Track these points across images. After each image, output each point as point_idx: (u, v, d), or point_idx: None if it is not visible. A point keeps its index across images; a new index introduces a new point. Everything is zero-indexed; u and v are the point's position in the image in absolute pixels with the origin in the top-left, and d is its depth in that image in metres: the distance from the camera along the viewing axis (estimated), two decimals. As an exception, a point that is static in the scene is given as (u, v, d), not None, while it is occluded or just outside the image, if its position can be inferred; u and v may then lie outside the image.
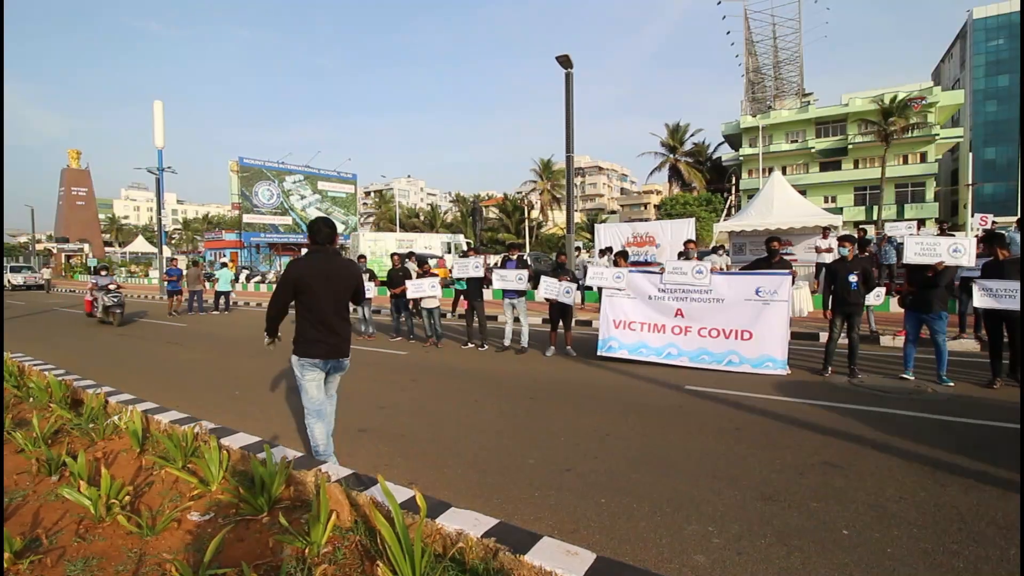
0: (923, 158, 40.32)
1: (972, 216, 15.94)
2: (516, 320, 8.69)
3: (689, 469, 3.68)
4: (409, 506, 2.53)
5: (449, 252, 30.35)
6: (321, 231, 3.60)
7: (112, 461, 3.72)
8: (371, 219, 68.61)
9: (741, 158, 45.83)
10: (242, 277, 30.33)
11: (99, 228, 62.19)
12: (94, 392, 4.88)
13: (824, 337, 6.56)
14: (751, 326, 6.68)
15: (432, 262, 10.55)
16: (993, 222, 14.14)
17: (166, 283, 15.68)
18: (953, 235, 8.56)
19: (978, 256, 6.38)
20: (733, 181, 44.63)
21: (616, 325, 7.64)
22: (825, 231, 12.49)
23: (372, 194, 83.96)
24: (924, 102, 38.11)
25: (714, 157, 51.63)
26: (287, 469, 3.11)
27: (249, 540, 2.62)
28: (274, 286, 16.74)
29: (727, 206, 37.44)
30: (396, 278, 9.94)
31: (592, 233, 18.79)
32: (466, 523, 2.43)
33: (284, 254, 39.56)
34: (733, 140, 48.81)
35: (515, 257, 9.06)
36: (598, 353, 7.60)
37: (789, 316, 6.77)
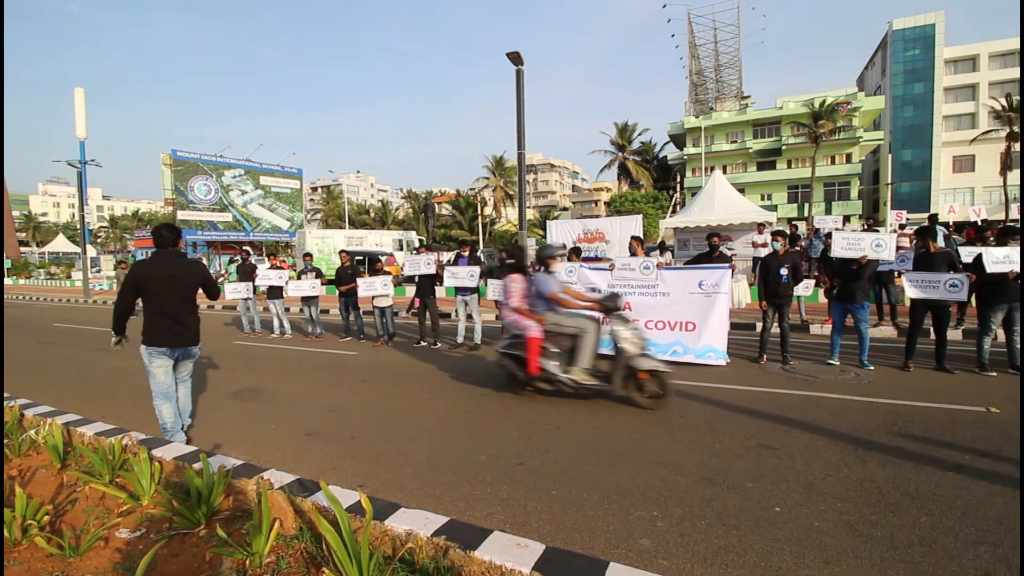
0: (848, 159, 43.39)
1: (891, 212, 17.29)
2: (469, 317, 8.67)
3: (636, 457, 3.81)
4: (357, 509, 2.49)
5: (401, 249, 29.87)
6: (163, 236, 4.12)
7: (29, 479, 3.43)
8: (318, 216, 66.28)
9: (685, 157, 47.61)
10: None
11: (12, 226, 56.86)
12: (7, 405, 4.47)
13: (760, 327, 6.93)
14: (694, 318, 6.97)
15: (382, 259, 10.36)
16: (907, 218, 15.40)
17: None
18: (878, 230, 9.27)
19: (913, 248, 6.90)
20: (678, 179, 46.31)
21: (568, 320, 7.77)
22: (761, 227, 13.19)
23: (319, 190, 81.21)
24: (850, 107, 40.92)
25: (660, 156, 53.37)
26: (226, 478, 2.97)
27: (185, 555, 2.49)
28: (213, 287, 15.77)
29: (673, 203, 38.80)
30: (345, 276, 9.68)
31: (545, 229, 19.01)
32: (416, 523, 2.41)
33: (224, 252, 37.50)
34: (678, 140, 50.61)
35: (467, 254, 9.02)
36: None
37: (729, 308, 7.11)
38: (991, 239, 8.07)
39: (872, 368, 6.17)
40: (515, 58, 12.79)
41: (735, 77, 50.84)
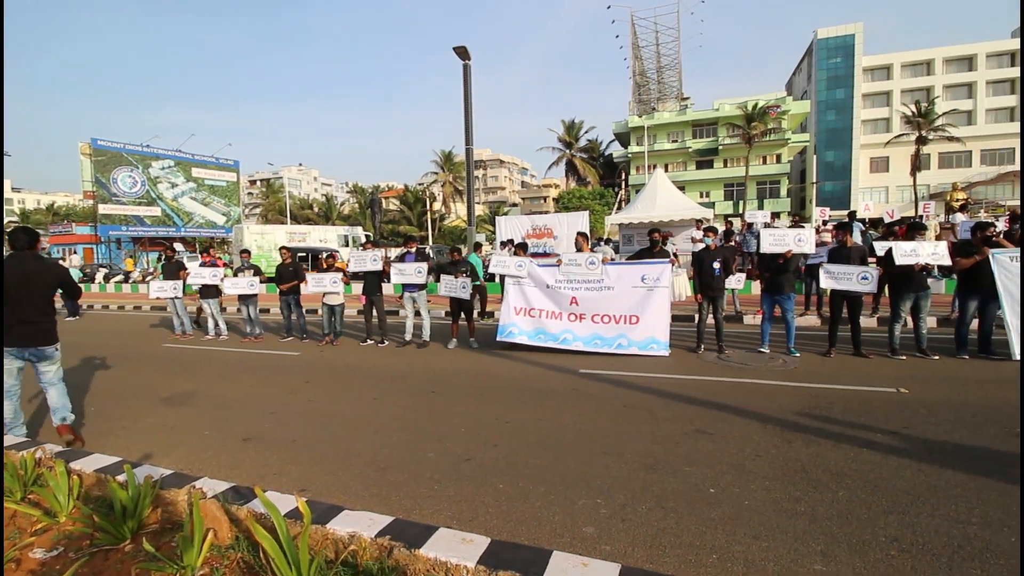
0: (778, 159, 46.21)
1: (816, 210, 18.56)
2: (417, 314, 8.56)
3: (582, 448, 3.91)
4: (297, 514, 2.41)
5: (347, 245, 29.03)
6: (19, 239, 4.17)
7: (-81, 502, 3.08)
8: (257, 211, 63.14)
9: (630, 155, 49.01)
10: (99, 276, 26.50)
11: None
12: None
13: (697, 318, 7.27)
14: (638, 311, 7.21)
15: (336, 254, 10.01)
16: (830, 215, 16.60)
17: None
18: (802, 227, 9.92)
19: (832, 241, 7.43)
20: (623, 177, 47.61)
21: (517, 312, 7.85)
22: (699, 223, 13.82)
23: (258, 183, 77.35)
24: (779, 110, 43.47)
25: (606, 154, 54.65)
26: (154, 489, 2.80)
27: (108, 572, 2.33)
28: (139, 286, 14.73)
29: (618, 200, 39.89)
30: (286, 273, 9.30)
31: (494, 225, 19.06)
32: (360, 524, 2.36)
33: (152, 249, 34.98)
34: (623, 138, 52.00)
35: (414, 250, 8.90)
36: (498, 339, 7.76)
37: (670, 301, 7.41)
38: (900, 235, 8.82)
39: (798, 355, 6.62)
40: (462, 53, 12.71)
41: (675, 79, 52.80)
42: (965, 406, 4.56)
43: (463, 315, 8.23)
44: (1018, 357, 5.93)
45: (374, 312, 8.70)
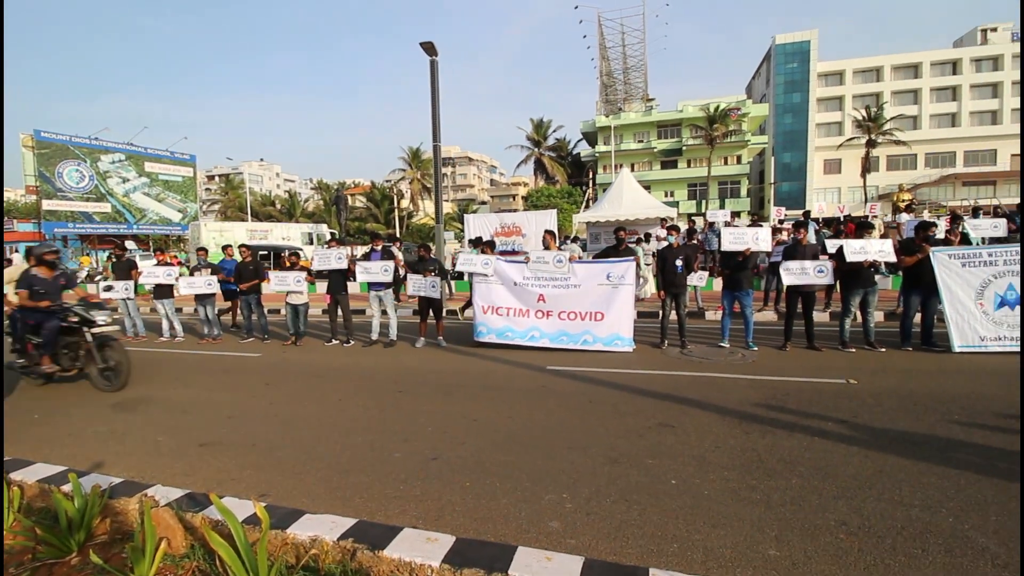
0: (739, 160, 47.73)
1: (773, 209, 19.26)
2: (383, 313, 8.44)
3: (549, 444, 3.94)
4: (256, 520, 2.35)
5: (311, 243, 28.37)
6: None
7: None
8: (216, 207, 60.86)
9: (597, 155, 49.63)
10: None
11: None
12: None
13: (661, 315, 7.44)
14: (603, 308, 7.32)
15: (300, 253, 9.74)
16: (786, 214, 17.25)
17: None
18: (760, 226, 10.25)
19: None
20: (591, 176, 48.13)
21: (484, 310, 7.84)
22: (663, 222, 14.11)
23: (217, 179, 74.58)
24: (740, 112, 44.87)
25: (574, 153, 55.13)
26: (102, 499, 2.68)
27: (51, 588, 2.21)
28: (88, 286, 14.04)
29: (586, 199, 40.31)
30: (246, 272, 9.01)
31: (463, 223, 18.98)
32: (322, 528, 2.33)
33: (102, 247, 33.25)
34: (590, 137, 52.62)
35: (380, 248, 8.76)
36: (475, 338, 7.75)
37: (634, 298, 7.55)
38: (849, 233, 9.25)
39: (756, 349, 6.86)
40: (429, 48, 12.58)
41: (641, 80, 53.76)
42: (909, 395, 4.83)
43: (431, 314, 8.16)
44: (957, 349, 6.31)
45: (339, 311, 8.53)
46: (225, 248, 10.62)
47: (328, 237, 26.85)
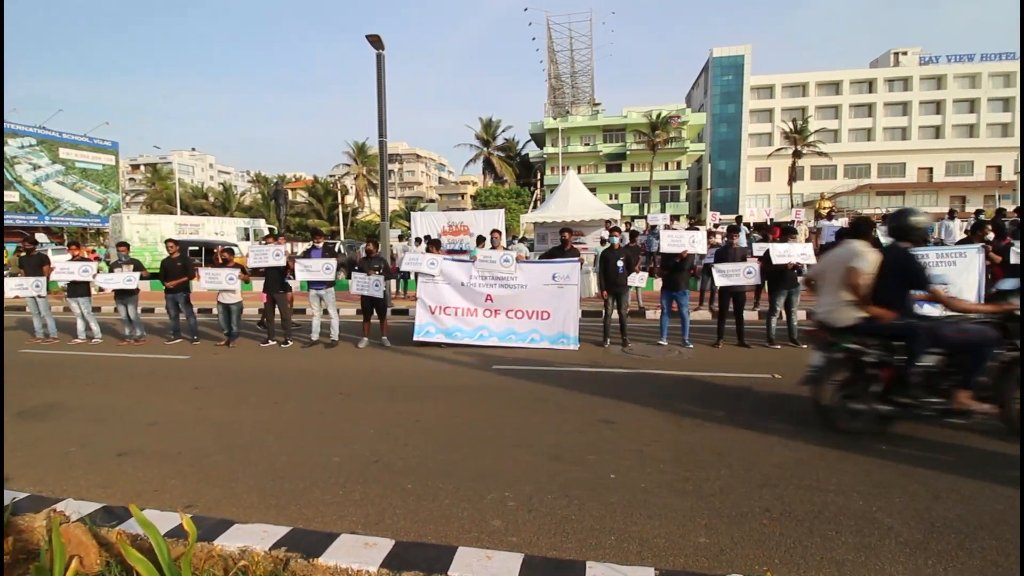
0: (678, 166, 49.97)
1: (709, 214, 20.30)
2: (325, 312, 8.16)
3: (493, 442, 3.96)
4: (181, 532, 2.21)
5: (248, 239, 26.98)
6: None
7: None
8: (141, 199, 56.54)
9: (545, 156, 50.32)
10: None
11: None
12: None
13: (604, 314, 7.65)
14: (549, 307, 7.44)
15: (235, 249, 9.19)
16: (720, 219, 18.25)
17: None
18: (698, 229, 10.75)
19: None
20: (539, 176, 48.73)
21: (432, 311, 7.76)
22: (608, 224, 14.52)
23: (143, 168, 69.34)
24: (680, 120, 46.89)
25: (523, 153, 55.58)
26: (3, 515, 2.43)
27: (-67, 620, 1.98)
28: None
29: (534, 199, 40.76)
30: (173, 269, 8.44)
31: (410, 221, 18.67)
32: (252, 538, 2.22)
33: (10, 240, 30.02)
34: (538, 139, 53.25)
35: (321, 245, 8.47)
36: (414, 338, 7.64)
37: (580, 297, 7.72)
38: (775, 238, 9.87)
39: (692, 346, 7.20)
40: (375, 41, 12.27)
41: (588, 84, 55.02)
42: (825, 388, 5.22)
43: (376, 313, 7.98)
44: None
45: (276, 311, 8.17)
46: (120, 246, 9.44)
47: (266, 233, 25.65)
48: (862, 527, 2.74)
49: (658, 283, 8.50)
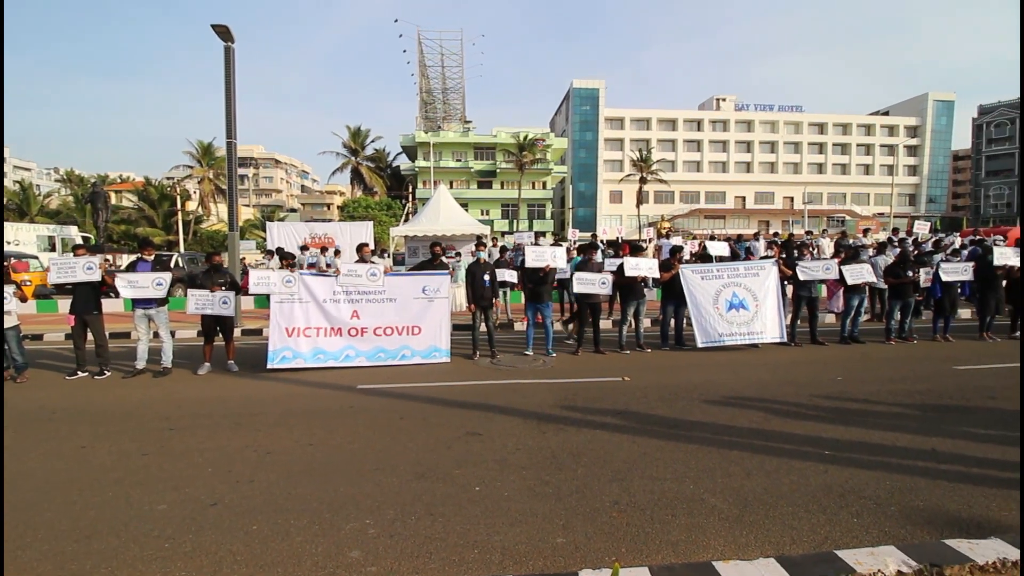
0: (544, 186, 53.22)
1: (571, 231, 21.87)
2: (155, 336, 7.05)
3: (353, 468, 3.74)
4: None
5: (54, 249, 22.49)
6: None
7: None
8: None
9: (416, 169, 49.91)
10: None
11: None
12: None
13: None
14: (420, 321, 7.31)
15: (8, 261, 7.43)
16: (579, 236, 19.81)
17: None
18: (560, 246, 11.44)
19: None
20: (411, 189, 48.11)
21: (289, 333, 7.07)
22: (479, 239, 14.82)
23: None
24: (545, 143, 49.96)
25: (394, 165, 54.45)
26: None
27: None
28: None
29: (405, 212, 40.06)
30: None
31: (266, 231, 17.03)
32: (34, 616, 1.80)
33: None
34: (410, 152, 52.68)
35: (151, 257, 7.31)
36: (268, 366, 6.87)
37: (450, 310, 7.72)
38: (625, 253, 10.94)
39: (555, 355, 7.61)
40: (224, 33, 11.16)
41: (459, 102, 56.00)
42: (666, 387, 5.88)
43: (220, 334, 7.09)
44: (701, 345, 7.89)
45: (88, 335, 6.84)
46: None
47: (78, 242, 21.51)
48: (692, 508, 3.10)
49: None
